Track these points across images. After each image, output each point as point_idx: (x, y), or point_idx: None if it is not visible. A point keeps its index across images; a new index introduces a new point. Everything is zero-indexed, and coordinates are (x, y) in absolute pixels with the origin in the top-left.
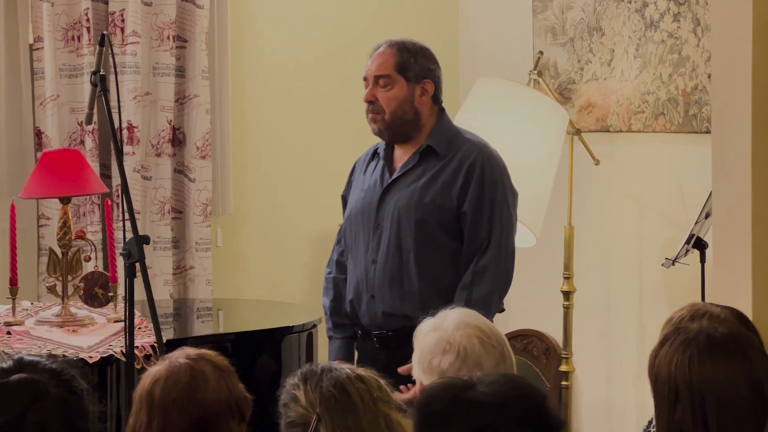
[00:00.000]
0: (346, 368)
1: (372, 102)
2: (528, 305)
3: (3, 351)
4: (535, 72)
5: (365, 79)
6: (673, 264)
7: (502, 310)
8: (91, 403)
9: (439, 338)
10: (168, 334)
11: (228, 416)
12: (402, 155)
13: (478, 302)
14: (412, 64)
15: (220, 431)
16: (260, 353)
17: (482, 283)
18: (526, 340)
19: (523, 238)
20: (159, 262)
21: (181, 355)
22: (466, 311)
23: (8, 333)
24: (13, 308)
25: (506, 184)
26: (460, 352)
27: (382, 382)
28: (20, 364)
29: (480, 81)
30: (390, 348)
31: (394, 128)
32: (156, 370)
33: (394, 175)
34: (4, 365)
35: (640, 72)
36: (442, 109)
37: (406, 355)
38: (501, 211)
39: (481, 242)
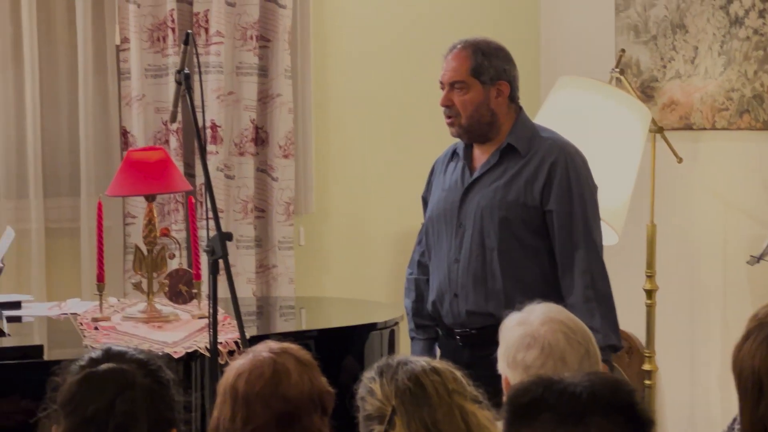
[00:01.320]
0: (421, 361)
1: (448, 106)
2: None
3: (91, 345)
4: (617, 70)
5: (441, 82)
6: (758, 261)
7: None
8: (177, 393)
9: (524, 333)
10: (251, 331)
11: (311, 410)
12: (481, 154)
13: (602, 300)
14: (487, 67)
15: (303, 425)
16: (342, 350)
17: (595, 300)
18: None
19: (605, 235)
20: (242, 260)
21: (264, 349)
22: (552, 306)
23: (95, 328)
24: (101, 304)
25: (589, 179)
26: (545, 347)
27: (458, 374)
28: (108, 354)
29: (561, 79)
30: (473, 346)
31: (472, 131)
32: (240, 363)
33: (475, 175)
34: (93, 355)
35: (724, 69)
36: (520, 107)
37: (490, 353)
38: (589, 208)
39: (576, 243)
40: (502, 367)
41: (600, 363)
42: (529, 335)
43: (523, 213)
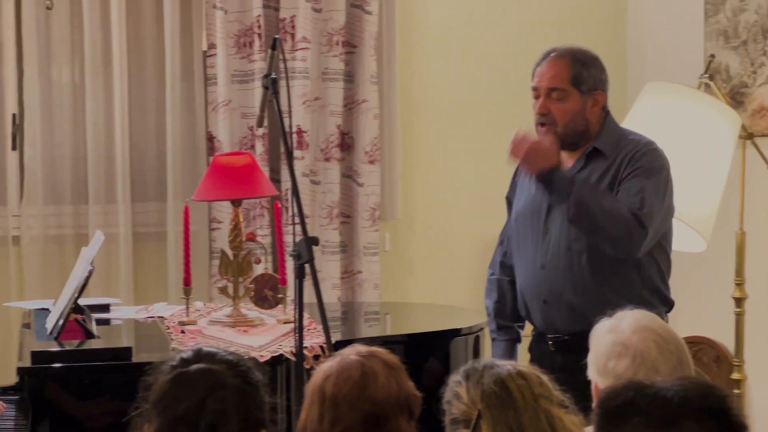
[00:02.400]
0: (507, 365)
1: (544, 114)
2: (697, 312)
3: (178, 349)
4: (706, 76)
5: (535, 89)
6: None
7: (669, 303)
8: (266, 394)
9: (615, 341)
10: (336, 336)
11: (397, 413)
12: (567, 159)
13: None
14: (586, 77)
15: (390, 428)
16: (428, 355)
17: (623, 208)
18: (695, 347)
19: (693, 243)
20: (327, 266)
21: (352, 352)
22: (644, 313)
23: (182, 332)
24: (187, 308)
25: (665, 172)
26: (636, 356)
27: (544, 378)
28: (199, 355)
29: (649, 85)
30: (565, 352)
31: (567, 139)
32: (327, 366)
33: None
34: (185, 355)
35: None
36: (607, 111)
37: (582, 358)
38: (655, 191)
39: (632, 201)
40: (592, 374)
41: (693, 372)
42: (620, 344)
43: None
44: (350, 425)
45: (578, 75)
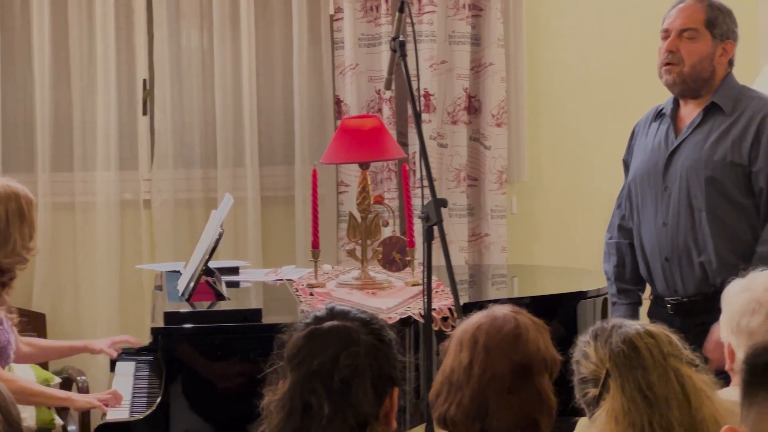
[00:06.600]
0: (636, 324)
1: (673, 52)
2: None
3: (306, 311)
4: None
5: (666, 30)
6: None
7: None
8: (398, 353)
9: (749, 299)
10: (464, 299)
11: (542, 369)
12: (688, 114)
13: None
14: (720, 23)
15: (534, 381)
16: (555, 317)
17: None
18: None
19: None
20: (455, 229)
21: (503, 308)
22: None
23: (311, 294)
24: (315, 271)
25: None
26: None
27: (674, 337)
28: (333, 313)
29: None
30: (684, 315)
31: (689, 82)
32: (478, 317)
33: (681, 136)
34: (318, 313)
35: None
36: (730, 70)
37: (702, 322)
38: None
39: None
40: (725, 335)
41: None
42: (754, 301)
43: (731, 172)
44: (500, 373)
45: (714, 19)
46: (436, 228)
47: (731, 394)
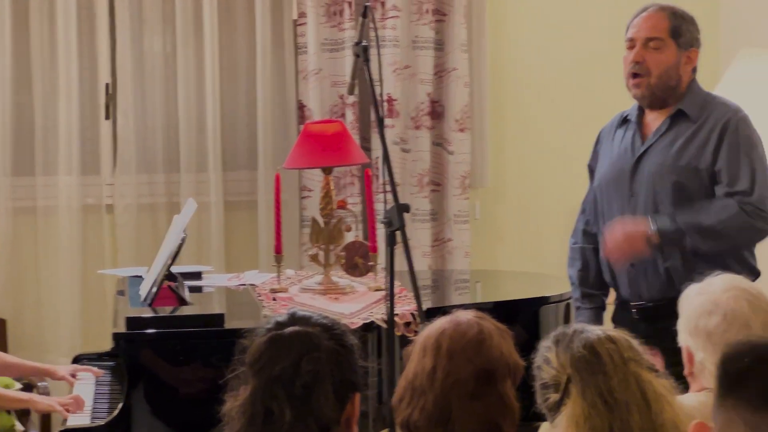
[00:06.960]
0: (597, 330)
1: (639, 63)
2: None
3: (269, 316)
4: None
5: (631, 39)
6: None
7: (755, 272)
8: (360, 358)
9: (706, 300)
10: (427, 304)
11: (506, 374)
12: (653, 121)
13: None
14: (684, 31)
15: (498, 387)
16: (517, 323)
17: (731, 208)
18: None
19: None
20: (417, 234)
21: (466, 314)
22: (733, 276)
23: (274, 299)
24: (278, 276)
25: (760, 146)
26: (728, 314)
27: (634, 342)
28: (294, 318)
29: (743, 51)
30: (649, 319)
31: (658, 93)
32: (442, 322)
33: (647, 142)
34: (280, 319)
35: None
36: (694, 77)
37: (666, 327)
38: (761, 167)
39: (744, 191)
40: (683, 338)
41: None
42: (710, 302)
43: (696, 177)
44: (463, 378)
45: (677, 28)
46: (398, 233)
47: (691, 399)
